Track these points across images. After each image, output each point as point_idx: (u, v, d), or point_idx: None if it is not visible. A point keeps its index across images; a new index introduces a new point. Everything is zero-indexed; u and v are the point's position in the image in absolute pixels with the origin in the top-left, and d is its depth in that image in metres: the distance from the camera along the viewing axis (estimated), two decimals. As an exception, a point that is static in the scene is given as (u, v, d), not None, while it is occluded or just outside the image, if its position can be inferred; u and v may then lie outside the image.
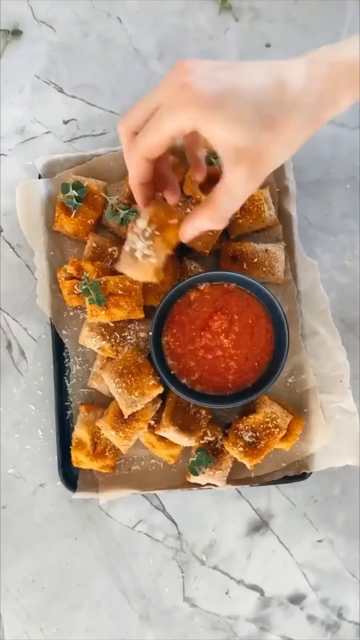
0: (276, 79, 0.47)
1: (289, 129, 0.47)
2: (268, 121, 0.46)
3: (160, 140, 0.48)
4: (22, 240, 0.78)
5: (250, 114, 0.45)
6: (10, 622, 0.76)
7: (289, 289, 0.75)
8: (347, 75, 0.46)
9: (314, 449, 0.73)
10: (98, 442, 0.72)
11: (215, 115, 0.45)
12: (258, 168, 0.47)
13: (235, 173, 0.47)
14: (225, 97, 0.45)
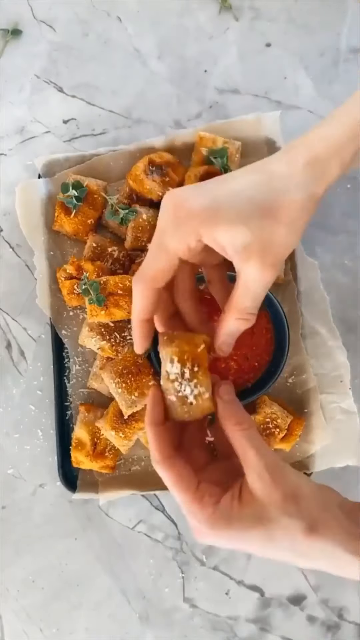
0: (262, 172, 0.48)
1: (288, 211, 0.47)
2: (265, 210, 0.46)
3: (166, 263, 0.47)
4: (21, 240, 0.78)
5: (246, 209, 0.46)
6: (10, 622, 0.76)
7: (289, 289, 0.75)
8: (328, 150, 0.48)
9: (314, 449, 0.73)
10: (98, 443, 0.72)
11: (214, 221, 0.46)
12: (269, 257, 0.47)
13: (248, 269, 0.47)
14: (218, 201, 0.46)
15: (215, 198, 0.47)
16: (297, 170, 0.48)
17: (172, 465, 0.47)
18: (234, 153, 0.75)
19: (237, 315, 0.49)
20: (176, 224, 0.46)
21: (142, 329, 0.51)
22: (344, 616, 0.76)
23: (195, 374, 0.49)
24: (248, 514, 0.45)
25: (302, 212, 0.48)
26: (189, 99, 0.81)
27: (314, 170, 0.48)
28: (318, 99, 0.80)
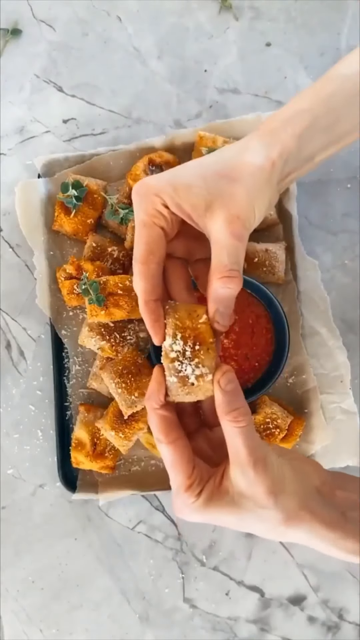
0: (218, 151, 0.52)
1: (244, 171, 0.49)
2: (222, 173, 0.49)
3: (148, 235, 0.49)
4: (21, 240, 0.78)
5: (203, 174, 0.49)
6: (9, 622, 0.76)
7: (289, 289, 0.75)
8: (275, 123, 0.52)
9: (315, 449, 0.73)
10: (98, 443, 0.72)
11: (173, 187, 0.49)
12: (233, 210, 0.48)
13: (215, 225, 0.48)
14: (176, 173, 0.50)
15: (171, 172, 0.51)
16: (249, 142, 0.51)
17: (175, 447, 0.49)
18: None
19: (218, 275, 0.48)
20: (143, 199, 0.50)
21: (151, 310, 0.50)
22: (344, 616, 0.76)
23: (197, 353, 0.47)
24: (226, 504, 0.47)
25: (258, 171, 0.50)
26: (189, 99, 0.81)
27: (265, 138, 0.51)
28: (318, 99, 0.80)
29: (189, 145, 0.76)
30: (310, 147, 0.52)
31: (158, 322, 0.50)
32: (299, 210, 0.77)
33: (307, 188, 0.79)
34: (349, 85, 0.52)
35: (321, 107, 0.52)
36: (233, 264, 0.48)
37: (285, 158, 0.51)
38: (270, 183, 0.51)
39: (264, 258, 0.73)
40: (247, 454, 0.46)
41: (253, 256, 0.73)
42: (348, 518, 0.48)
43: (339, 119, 0.52)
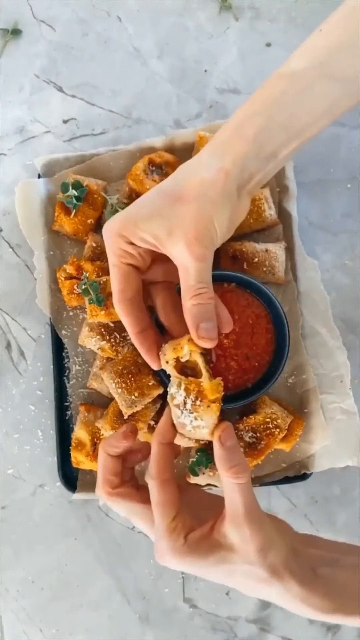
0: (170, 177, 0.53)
1: (195, 188, 0.51)
2: (174, 197, 0.51)
3: (120, 274, 0.53)
4: (21, 240, 0.78)
5: (157, 204, 0.51)
6: (9, 622, 0.76)
7: (289, 289, 0.75)
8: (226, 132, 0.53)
9: (315, 449, 0.73)
10: (98, 443, 0.72)
11: (132, 222, 0.51)
12: (191, 233, 0.50)
13: (177, 251, 0.50)
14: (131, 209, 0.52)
15: (132, 206, 0.53)
16: (202, 157, 0.53)
17: (167, 486, 0.49)
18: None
19: (188, 296, 0.51)
20: (108, 240, 0.53)
21: (141, 341, 0.54)
22: (344, 616, 0.76)
23: (197, 407, 0.49)
24: (213, 556, 0.47)
25: (210, 186, 0.51)
26: (189, 99, 0.81)
27: (216, 150, 0.52)
28: (318, 99, 0.80)
29: (189, 145, 0.76)
30: (270, 146, 0.53)
31: (150, 350, 0.54)
32: (299, 210, 0.77)
33: (307, 188, 0.79)
34: (299, 81, 0.53)
35: (274, 107, 0.52)
36: (199, 283, 0.50)
37: (241, 164, 0.52)
38: (227, 193, 0.51)
39: (264, 258, 0.73)
40: (244, 511, 0.47)
41: (253, 256, 0.73)
42: (318, 574, 0.49)
43: (295, 114, 0.53)
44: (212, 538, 0.48)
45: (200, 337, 0.50)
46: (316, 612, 0.48)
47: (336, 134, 0.80)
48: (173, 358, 0.51)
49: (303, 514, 0.76)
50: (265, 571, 0.47)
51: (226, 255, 0.74)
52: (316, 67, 0.53)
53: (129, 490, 0.54)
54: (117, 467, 0.54)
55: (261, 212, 0.74)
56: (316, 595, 0.47)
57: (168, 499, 0.49)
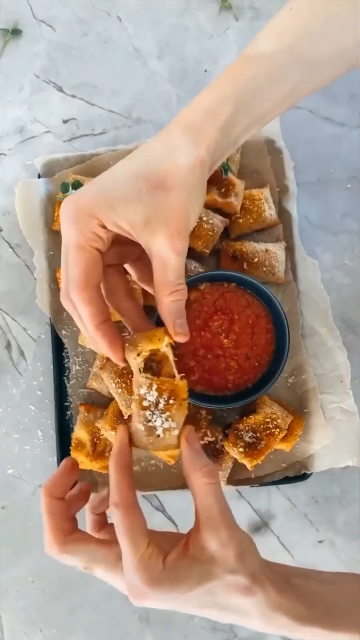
0: (142, 151, 0.50)
1: (175, 176, 0.48)
2: (153, 182, 0.48)
3: (86, 259, 0.47)
4: (21, 239, 0.78)
5: (135, 186, 0.47)
6: (9, 622, 0.76)
7: (289, 289, 0.75)
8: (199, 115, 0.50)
9: (315, 449, 0.73)
10: (98, 443, 0.72)
11: (108, 204, 0.47)
12: (172, 225, 0.47)
13: (156, 243, 0.47)
14: (106, 187, 0.48)
15: (103, 184, 0.48)
16: (175, 139, 0.49)
17: (132, 514, 0.46)
18: (234, 153, 0.74)
19: (167, 292, 0.49)
20: (78, 219, 0.47)
21: (104, 333, 0.49)
22: (344, 616, 0.76)
23: (170, 407, 0.48)
24: (195, 573, 0.44)
25: (189, 174, 0.48)
26: (188, 99, 0.80)
27: (190, 134, 0.49)
28: (318, 99, 0.80)
29: (189, 145, 0.76)
30: (234, 133, 0.51)
31: (114, 343, 0.50)
32: (299, 210, 0.77)
33: (307, 188, 0.79)
34: (268, 64, 0.51)
35: (243, 91, 0.51)
36: (179, 278, 0.49)
37: (212, 151, 0.50)
38: (202, 182, 0.50)
39: (264, 258, 0.73)
40: (219, 513, 0.46)
41: (253, 256, 0.73)
42: (292, 584, 0.47)
43: (262, 99, 0.52)
44: (189, 554, 0.45)
45: (178, 333, 0.50)
46: (296, 621, 0.45)
47: (336, 134, 0.80)
48: (148, 350, 0.49)
49: (303, 514, 0.76)
50: (247, 578, 0.44)
51: (226, 255, 0.74)
52: (284, 51, 0.51)
53: (85, 534, 0.49)
54: (67, 511, 0.50)
55: (261, 212, 0.74)
56: (294, 602, 0.45)
57: (137, 526, 0.45)
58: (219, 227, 0.72)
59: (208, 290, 0.71)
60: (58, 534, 0.48)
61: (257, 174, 0.77)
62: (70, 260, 0.48)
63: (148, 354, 0.50)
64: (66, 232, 0.48)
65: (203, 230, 0.71)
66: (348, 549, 0.76)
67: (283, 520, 0.76)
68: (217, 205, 0.73)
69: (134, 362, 0.50)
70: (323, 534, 0.76)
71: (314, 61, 0.52)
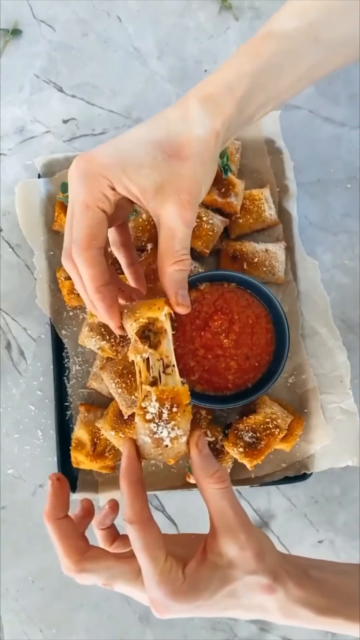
0: (159, 118, 0.50)
1: (190, 147, 0.48)
2: (168, 150, 0.47)
3: (93, 219, 0.47)
4: (21, 240, 0.78)
5: (150, 152, 0.47)
6: (9, 622, 0.76)
7: (289, 289, 0.75)
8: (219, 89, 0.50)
9: (315, 449, 0.73)
10: (98, 443, 0.72)
11: (121, 169, 0.46)
12: (184, 195, 0.47)
13: (166, 211, 0.47)
14: (122, 149, 0.47)
15: (118, 146, 0.48)
16: (192, 110, 0.49)
17: (148, 528, 0.45)
18: (234, 153, 0.75)
19: (171, 261, 0.49)
20: (88, 178, 0.47)
21: (104, 296, 0.48)
22: (344, 616, 0.76)
23: (174, 415, 0.47)
24: (216, 579, 0.44)
25: (204, 145, 0.48)
26: (189, 99, 0.81)
27: (208, 107, 0.49)
28: (318, 99, 0.80)
29: (189, 145, 0.76)
30: (249, 109, 0.51)
31: (113, 306, 0.49)
32: (299, 210, 0.77)
33: (307, 188, 0.79)
34: (288, 42, 0.51)
35: (261, 68, 0.51)
36: (184, 248, 0.49)
37: (227, 126, 0.50)
38: (215, 156, 0.50)
39: (264, 258, 0.73)
40: (235, 516, 0.45)
41: (253, 256, 0.73)
42: (310, 576, 0.47)
43: (279, 77, 0.52)
44: (208, 561, 0.45)
45: (179, 304, 0.49)
46: (316, 613, 0.45)
47: (336, 134, 0.80)
48: (146, 317, 0.49)
49: (303, 514, 0.76)
50: (267, 577, 0.45)
51: (226, 255, 0.74)
52: (304, 29, 0.51)
53: (100, 550, 0.48)
54: (76, 529, 0.49)
55: (261, 212, 0.74)
56: (313, 595, 0.45)
57: (154, 541, 0.44)
58: (219, 227, 0.72)
59: (208, 290, 0.71)
60: (73, 554, 0.47)
61: (257, 174, 0.77)
62: (76, 219, 0.48)
63: (146, 322, 0.49)
64: (75, 189, 0.47)
65: (203, 230, 0.71)
66: (348, 549, 0.76)
67: (283, 520, 0.76)
68: (217, 205, 0.73)
69: (130, 328, 0.49)
70: (323, 534, 0.76)
71: (332, 41, 0.52)
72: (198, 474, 0.47)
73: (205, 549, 0.46)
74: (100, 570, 0.46)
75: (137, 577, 0.46)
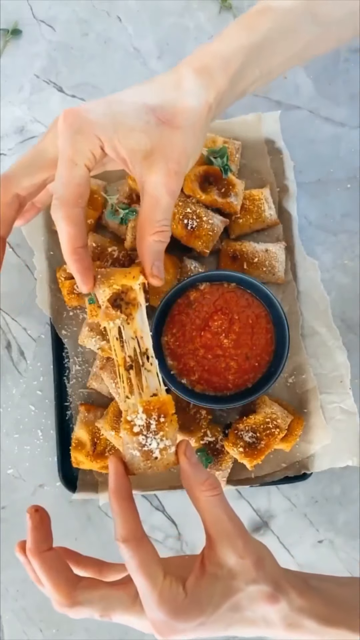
0: (154, 82, 0.49)
1: (183, 117, 0.47)
2: (161, 116, 0.47)
3: (79, 177, 0.46)
4: (21, 240, 0.78)
5: (142, 116, 0.46)
6: (9, 622, 0.76)
7: (289, 289, 0.75)
8: (214, 61, 0.49)
9: (314, 449, 0.73)
10: (98, 443, 0.72)
11: (112, 129, 0.46)
12: (172, 164, 0.47)
13: (152, 177, 0.47)
14: (115, 109, 0.46)
15: (111, 106, 0.47)
16: (187, 80, 0.49)
17: (143, 546, 0.43)
18: (233, 153, 0.75)
19: (152, 230, 0.48)
20: (78, 134, 0.46)
21: (80, 258, 0.48)
22: (344, 616, 0.76)
23: (162, 426, 0.46)
24: (218, 590, 0.42)
25: (197, 117, 0.48)
26: (189, 99, 0.81)
27: (202, 79, 0.49)
28: (318, 99, 0.80)
29: (189, 145, 0.76)
30: (242, 84, 0.51)
31: (88, 269, 0.48)
32: (299, 210, 0.77)
33: (307, 188, 0.79)
34: (284, 18, 0.51)
35: (256, 43, 0.50)
36: (165, 219, 0.48)
37: (219, 100, 0.50)
38: (205, 129, 0.49)
39: (264, 258, 0.73)
40: (230, 523, 0.44)
41: (253, 256, 0.73)
42: (311, 586, 0.46)
43: (273, 53, 0.52)
44: (208, 573, 0.43)
45: (154, 275, 0.49)
46: (320, 623, 0.44)
47: (336, 134, 0.80)
48: (120, 284, 0.48)
49: (303, 514, 0.76)
50: (269, 586, 0.43)
51: (226, 255, 0.74)
52: (303, 5, 0.51)
53: (92, 580, 0.46)
54: (62, 561, 0.47)
55: (261, 212, 0.74)
56: (316, 604, 0.44)
57: (150, 558, 0.42)
58: (219, 227, 0.72)
59: (208, 290, 0.71)
60: (64, 587, 0.45)
61: (257, 174, 0.77)
62: (63, 175, 0.47)
63: (119, 289, 0.48)
64: (64, 144, 0.46)
65: (203, 230, 0.71)
66: (348, 549, 0.76)
67: (283, 520, 0.76)
68: (217, 205, 0.73)
69: (102, 294, 0.48)
70: (323, 534, 0.76)
71: (329, 18, 0.53)
72: (189, 483, 0.46)
73: (203, 562, 0.44)
74: (95, 600, 0.44)
75: (135, 601, 0.43)
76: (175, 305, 0.71)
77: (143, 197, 0.48)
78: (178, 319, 0.71)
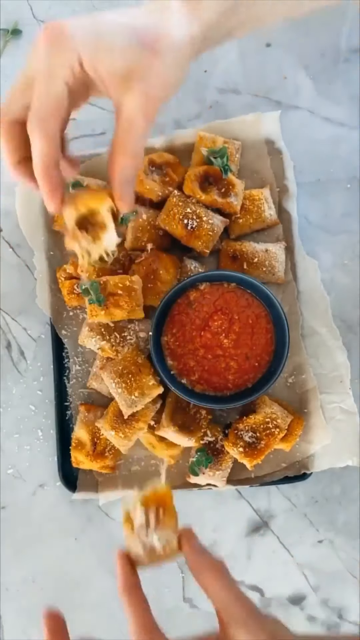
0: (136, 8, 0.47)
1: (167, 46, 0.45)
2: (145, 41, 0.45)
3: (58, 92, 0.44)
4: (21, 240, 0.78)
5: (126, 37, 0.44)
6: (10, 622, 0.76)
7: (289, 289, 0.75)
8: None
9: (314, 449, 0.73)
10: (98, 443, 0.72)
11: (94, 46, 0.44)
12: (152, 90, 0.45)
13: (128, 100, 0.45)
14: (99, 27, 0.44)
15: (94, 23, 0.45)
16: (173, 6, 0.47)
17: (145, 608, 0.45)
18: (233, 153, 0.75)
19: (124, 156, 0.46)
20: (57, 47, 0.44)
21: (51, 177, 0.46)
22: (343, 616, 0.76)
23: (163, 519, 0.46)
24: None
25: (178, 45, 0.46)
26: (188, 99, 0.81)
27: (188, 9, 0.47)
28: (318, 99, 0.80)
29: (189, 145, 0.76)
30: (230, 23, 0.50)
31: (57, 189, 0.46)
32: (299, 210, 0.77)
33: (307, 188, 0.79)
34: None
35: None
36: (139, 147, 0.47)
37: (204, 35, 0.48)
38: (186, 61, 0.48)
39: (264, 258, 0.73)
40: (242, 607, 0.43)
41: (253, 256, 0.73)
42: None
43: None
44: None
45: (123, 199, 0.48)
46: None
47: (336, 134, 0.80)
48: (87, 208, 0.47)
49: (303, 514, 0.76)
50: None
51: (226, 255, 0.74)
52: None
53: None
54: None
55: (261, 212, 0.74)
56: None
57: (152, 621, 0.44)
58: (219, 227, 0.72)
59: (208, 290, 0.71)
60: None
61: (257, 174, 0.77)
62: (37, 89, 0.45)
63: (86, 210, 0.47)
64: (42, 56, 0.45)
65: (203, 230, 0.71)
66: (348, 549, 0.76)
67: (283, 520, 0.76)
68: (217, 205, 0.73)
69: (69, 216, 0.47)
70: (323, 534, 0.76)
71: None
72: (195, 570, 0.46)
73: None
74: None
75: None
76: (175, 305, 0.71)
77: (118, 121, 0.46)
78: (178, 319, 0.71)
